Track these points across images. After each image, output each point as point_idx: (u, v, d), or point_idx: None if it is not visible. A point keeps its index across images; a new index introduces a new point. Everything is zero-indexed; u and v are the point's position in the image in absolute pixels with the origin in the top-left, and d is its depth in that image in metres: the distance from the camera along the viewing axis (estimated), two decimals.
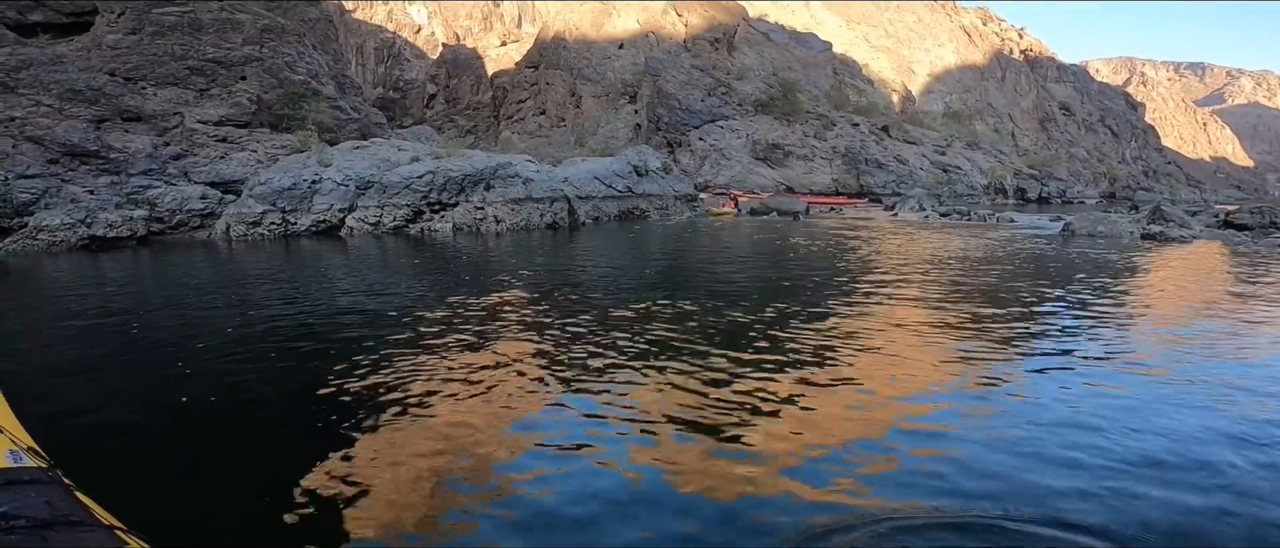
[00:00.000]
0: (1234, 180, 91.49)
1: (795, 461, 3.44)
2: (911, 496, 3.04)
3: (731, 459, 3.48)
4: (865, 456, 3.50)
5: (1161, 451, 3.57)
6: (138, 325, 6.84)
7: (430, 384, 4.67)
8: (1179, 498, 3.06)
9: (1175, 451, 3.57)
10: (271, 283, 9.61)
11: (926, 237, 16.76)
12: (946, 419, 4.06)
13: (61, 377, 4.95)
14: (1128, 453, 3.50)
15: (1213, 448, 3.61)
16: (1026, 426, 3.91)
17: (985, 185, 45.24)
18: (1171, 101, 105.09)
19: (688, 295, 8.20)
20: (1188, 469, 3.35)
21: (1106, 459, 3.42)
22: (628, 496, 3.09)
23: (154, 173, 16.80)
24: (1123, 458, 3.44)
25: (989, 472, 3.28)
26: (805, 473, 3.30)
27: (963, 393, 4.55)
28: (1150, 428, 3.89)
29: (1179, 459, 3.47)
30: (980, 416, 4.11)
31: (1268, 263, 12.24)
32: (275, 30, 21.72)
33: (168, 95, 18.33)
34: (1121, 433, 3.77)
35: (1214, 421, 4.04)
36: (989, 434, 3.77)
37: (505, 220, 15.96)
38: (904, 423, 4.00)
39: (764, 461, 3.43)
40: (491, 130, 45.94)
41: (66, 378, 4.93)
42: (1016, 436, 3.75)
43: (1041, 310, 7.67)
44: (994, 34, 68.16)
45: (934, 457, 3.47)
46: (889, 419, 4.06)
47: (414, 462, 3.47)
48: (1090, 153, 68.66)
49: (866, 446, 3.62)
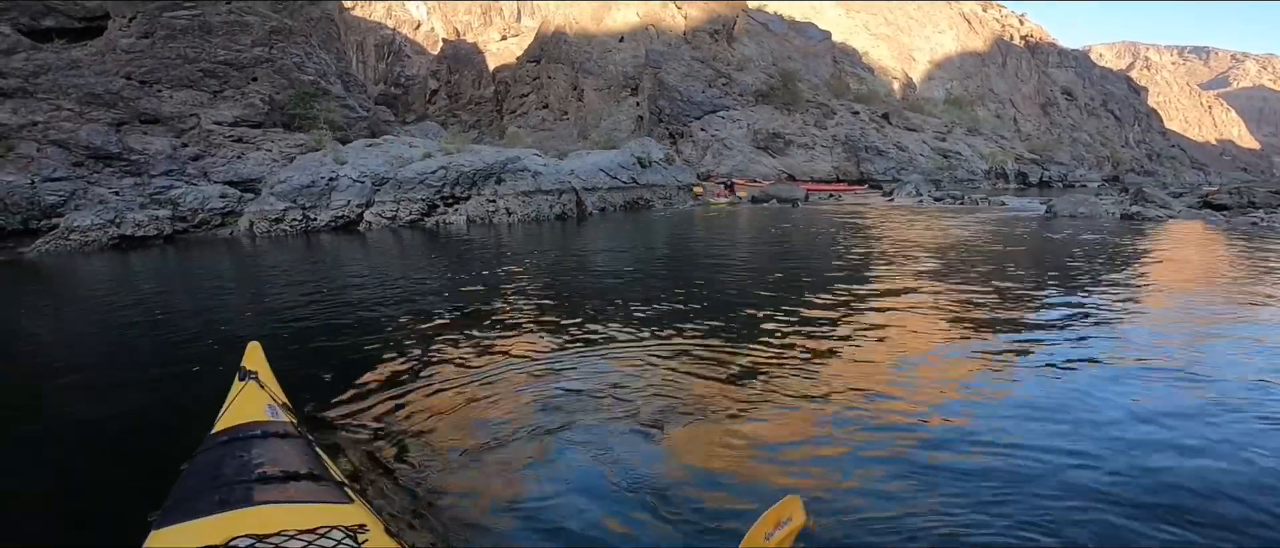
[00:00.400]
0: (1240, 163, 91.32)
1: (800, 452, 3.43)
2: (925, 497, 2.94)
3: (734, 448, 3.49)
4: (879, 448, 3.49)
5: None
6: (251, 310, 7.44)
7: (449, 371, 4.78)
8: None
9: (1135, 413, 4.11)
10: (312, 275, 10.19)
11: (921, 221, 17.25)
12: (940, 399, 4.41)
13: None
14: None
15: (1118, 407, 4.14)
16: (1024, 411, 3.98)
17: (986, 170, 45.55)
18: (1176, 85, 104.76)
19: (692, 281, 8.74)
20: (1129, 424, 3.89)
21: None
22: (632, 485, 3.05)
23: (175, 173, 17.38)
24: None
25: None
26: (814, 462, 3.28)
27: (957, 381, 4.98)
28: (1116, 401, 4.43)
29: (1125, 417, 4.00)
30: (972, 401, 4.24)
31: (1230, 237, 12.85)
32: (283, 31, 22.21)
33: (183, 97, 18.88)
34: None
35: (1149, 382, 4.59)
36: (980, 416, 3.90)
37: (517, 212, 16.50)
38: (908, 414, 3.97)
39: (773, 449, 3.45)
40: (495, 125, 46.35)
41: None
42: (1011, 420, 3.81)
43: (1034, 292, 8.19)
44: (994, 20, 68.15)
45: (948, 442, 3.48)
46: (898, 408, 4.08)
47: (421, 439, 3.55)
48: (1093, 137, 68.76)
49: (877, 442, 3.58)
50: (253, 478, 1.96)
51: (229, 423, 2.38)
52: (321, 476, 2.06)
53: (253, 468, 2.02)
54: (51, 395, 4.74)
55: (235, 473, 2.00)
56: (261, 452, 2.14)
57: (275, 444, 2.22)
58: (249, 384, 2.67)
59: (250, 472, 1.99)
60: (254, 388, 2.65)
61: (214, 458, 2.12)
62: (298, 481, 1.98)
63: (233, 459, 2.09)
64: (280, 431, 2.34)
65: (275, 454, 2.14)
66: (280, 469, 2.01)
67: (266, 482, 1.94)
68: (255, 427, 2.32)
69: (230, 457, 2.11)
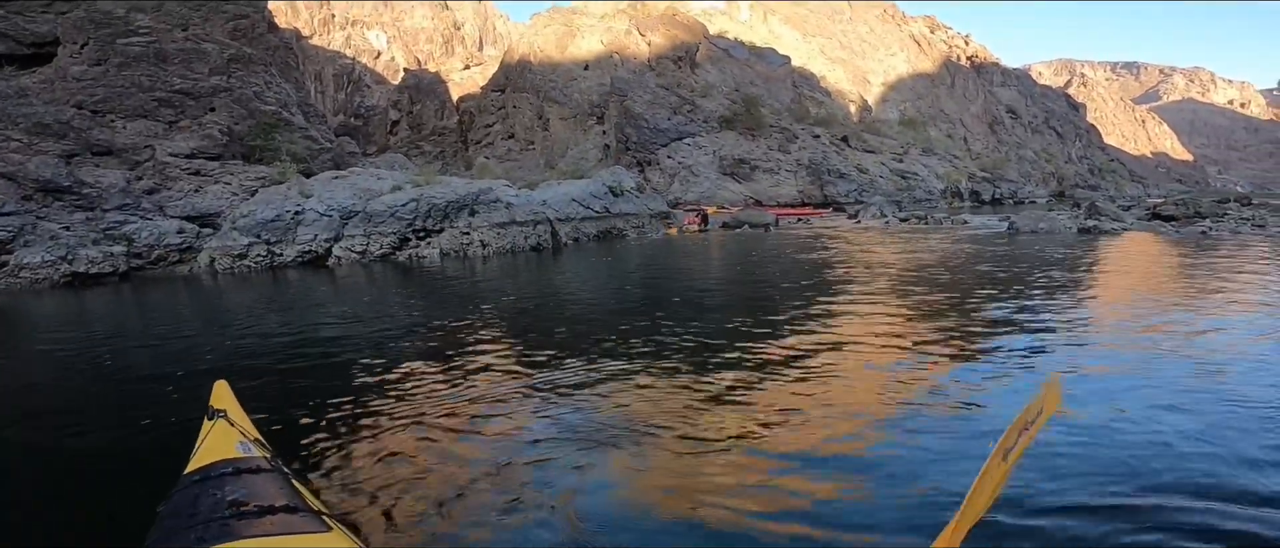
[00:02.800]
0: (1176, 174, 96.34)
1: (781, 475, 3.41)
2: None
3: (713, 468, 3.50)
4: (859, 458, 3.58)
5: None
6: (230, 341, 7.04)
7: (425, 407, 4.68)
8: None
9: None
10: (288, 315, 9.80)
11: (891, 241, 17.61)
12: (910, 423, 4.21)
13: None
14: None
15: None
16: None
17: (942, 190, 47.00)
18: (1110, 101, 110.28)
19: (673, 309, 8.67)
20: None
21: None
22: (617, 514, 3.06)
23: (128, 208, 16.67)
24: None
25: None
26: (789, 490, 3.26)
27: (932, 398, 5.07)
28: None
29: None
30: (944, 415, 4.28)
31: (1181, 246, 13.54)
32: (242, 59, 21.69)
33: (137, 128, 18.21)
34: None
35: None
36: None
37: (492, 244, 16.26)
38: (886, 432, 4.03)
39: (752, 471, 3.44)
40: (460, 155, 46.01)
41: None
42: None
43: (1006, 301, 8.36)
44: (942, 42, 70.93)
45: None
46: (880, 422, 4.18)
47: (400, 485, 3.43)
48: (1038, 154, 71.71)
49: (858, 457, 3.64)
50: (229, 514, 1.97)
51: (201, 462, 2.40)
52: (299, 507, 2.08)
53: (228, 504, 2.03)
54: (10, 442, 4.47)
55: (211, 510, 2.01)
56: (236, 488, 2.16)
57: (249, 479, 2.24)
58: (218, 422, 2.69)
59: (226, 508, 2.01)
60: (224, 426, 2.67)
61: (189, 497, 2.14)
62: (274, 514, 1.99)
63: (208, 497, 2.10)
64: (253, 466, 2.36)
65: (250, 489, 2.15)
66: (256, 504, 2.03)
67: (244, 517, 1.96)
68: (227, 464, 2.34)
69: (205, 495, 2.12)
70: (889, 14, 68.85)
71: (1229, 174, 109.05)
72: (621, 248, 18.27)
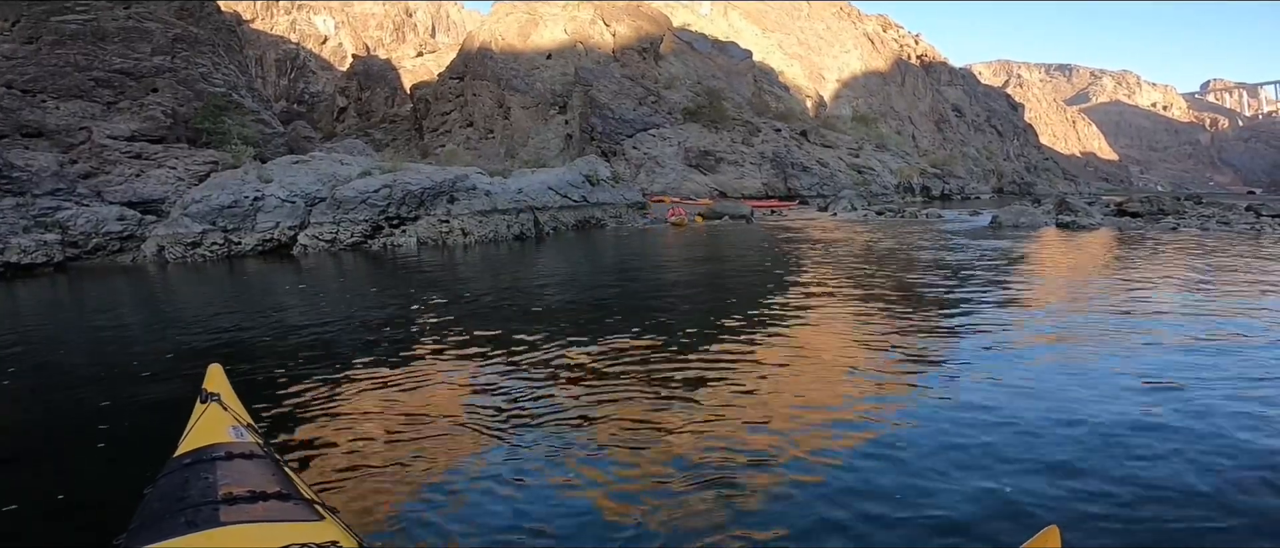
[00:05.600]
0: (1102, 174, 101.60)
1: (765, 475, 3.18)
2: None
3: (688, 468, 3.28)
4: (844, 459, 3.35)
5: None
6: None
7: (411, 398, 4.51)
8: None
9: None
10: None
11: (879, 234, 17.59)
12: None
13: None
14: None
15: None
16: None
17: (896, 185, 47.98)
18: (1045, 101, 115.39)
19: (670, 300, 8.22)
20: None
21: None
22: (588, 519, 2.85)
23: (62, 193, 15.14)
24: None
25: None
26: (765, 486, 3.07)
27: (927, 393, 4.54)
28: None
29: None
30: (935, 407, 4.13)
31: (1161, 241, 13.90)
32: (187, 39, 20.15)
33: (72, 109, 16.63)
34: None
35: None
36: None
37: (473, 233, 15.42)
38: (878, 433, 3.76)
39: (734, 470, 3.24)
40: (414, 143, 44.34)
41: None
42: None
43: (1017, 296, 8.23)
44: (893, 40, 72.61)
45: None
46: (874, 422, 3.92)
47: (369, 485, 3.21)
48: (980, 152, 74.27)
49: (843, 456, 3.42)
50: (220, 498, 1.90)
51: (192, 445, 2.33)
52: (290, 494, 2.02)
53: (219, 488, 1.97)
54: None
55: (201, 494, 1.94)
56: (227, 472, 2.09)
57: (241, 464, 2.18)
58: (211, 406, 2.63)
59: (217, 492, 1.94)
60: (216, 410, 2.61)
61: (178, 480, 2.06)
62: (266, 500, 1.93)
63: (198, 481, 2.03)
64: (245, 451, 2.28)
65: (242, 474, 2.09)
66: (248, 489, 1.97)
67: (234, 502, 1.89)
68: (219, 448, 2.28)
69: (195, 478, 2.05)
70: (845, 11, 70.03)
71: (1150, 174, 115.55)
72: (607, 236, 17.71)
